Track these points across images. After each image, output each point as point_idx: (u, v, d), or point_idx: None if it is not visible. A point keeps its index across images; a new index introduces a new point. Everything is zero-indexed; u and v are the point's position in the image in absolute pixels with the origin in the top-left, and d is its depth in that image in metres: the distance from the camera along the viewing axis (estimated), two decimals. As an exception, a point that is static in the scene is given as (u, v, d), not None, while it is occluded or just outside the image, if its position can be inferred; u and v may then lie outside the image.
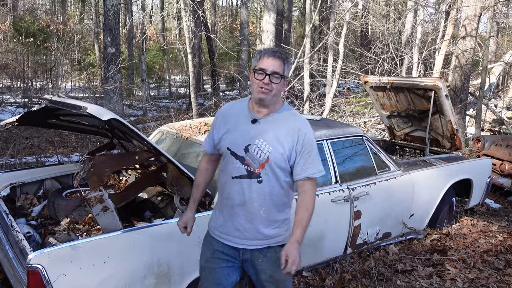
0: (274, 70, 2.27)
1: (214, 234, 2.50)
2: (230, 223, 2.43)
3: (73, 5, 31.03)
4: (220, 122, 2.47)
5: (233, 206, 2.40)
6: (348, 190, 3.97)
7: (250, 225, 2.39)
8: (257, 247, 2.42)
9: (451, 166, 5.10)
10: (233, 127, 2.40)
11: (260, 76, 2.27)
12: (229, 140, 2.38)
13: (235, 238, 2.42)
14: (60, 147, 8.29)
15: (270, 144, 2.32)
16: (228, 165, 2.39)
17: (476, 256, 4.47)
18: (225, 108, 2.54)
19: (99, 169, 3.00)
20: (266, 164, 2.32)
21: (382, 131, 10.33)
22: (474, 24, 9.52)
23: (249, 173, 2.34)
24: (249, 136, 2.34)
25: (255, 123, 2.36)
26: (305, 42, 10.70)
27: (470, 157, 8.00)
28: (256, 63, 2.33)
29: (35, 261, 2.52)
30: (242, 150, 2.34)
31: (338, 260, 4.16)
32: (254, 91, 2.32)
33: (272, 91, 2.29)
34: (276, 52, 2.32)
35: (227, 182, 2.40)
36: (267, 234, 2.41)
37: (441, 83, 5.25)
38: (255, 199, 2.35)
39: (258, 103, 2.35)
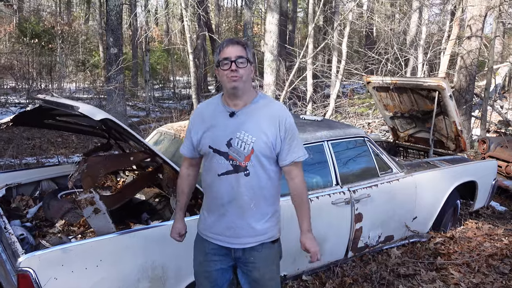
0: (238, 55, 2.21)
1: (206, 236, 2.45)
2: (221, 223, 2.37)
3: (79, 6, 31.17)
4: (196, 123, 2.41)
5: (223, 205, 2.34)
6: (349, 192, 3.89)
7: (241, 221, 2.34)
8: (250, 245, 2.37)
9: (455, 168, 5.00)
10: (211, 125, 2.34)
11: (226, 66, 2.22)
12: (209, 138, 2.33)
13: (228, 238, 2.37)
14: (61, 148, 8.26)
15: (252, 134, 2.27)
16: (212, 164, 2.33)
17: (481, 260, 4.38)
18: (200, 109, 2.49)
19: (93, 170, 2.94)
20: (251, 156, 2.27)
21: (386, 132, 10.24)
22: (479, 24, 9.41)
23: (235, 168, 2.29)
24: (229, 130, 2.29)
25: (233, 116, 2.31)
26: (308, 42, 10.62)
27: (475, 159, 7.89)
28: (218, 57, 2.28)
29: (25, 264, 2.47)
30: (224, 146, 2.29)
31: (339, 263, 4.08)
32: (224, 83, 2.27)
33: (242, 77, 2.23)
34: (233, 40, 2.29)
35: (214, 181, 2.34)
36: (259, 229, 2.36)
37: (445, 83, 5.16)
38: (245, 193, 2.30)
39: (232, 95, 2.30)
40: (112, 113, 9.71)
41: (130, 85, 18.24)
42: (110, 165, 3.10)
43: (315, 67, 11.03)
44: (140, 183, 3.30)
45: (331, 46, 11.44)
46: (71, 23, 21.97)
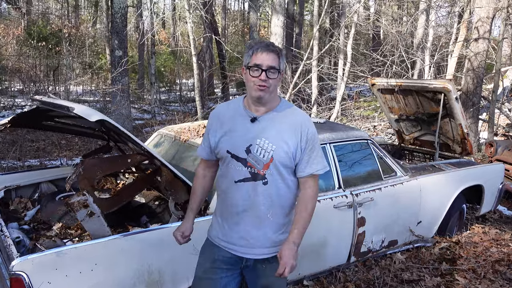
0: (270, 65, 2.13)
1: (217, 243, 2.36)
2: (234, 232, 2.28)
3: (86, 9, 31.35)
4: (215, 124, 2.31)
5: (238, 213, 2.26)
6: (351, 195, 3.82)
7: (257, 232, 2.25)
8: (264, 256, 2.28)
9: (461, 172, 4.92)
10: (230, 129, 2.25)
11: (256, 72, 2.13)
12: (228, 143, 2.23)
13: (241, 248, 2.29)
14: (65, 150, 8.25)
15: (273, 142, 2.18)
16: (230, 169, 2.24)
17: (487, 266, 4.28)
18: (219, 109, 2.37)
19: (90, 172, 2.90)
20: (270, 164, 2.18)
21: (392, 136, 10.15)
22: (487, 26, 9.31)
23: (253, 176, 2.20)
24: (249, 136, 2.20)
25: (255, 121, 2.22)
26: (313, 44, 10.57)
27: (482, 162, 7.78)
28: (249, 59, 2.18)
29: (18, 267, 2.43)
30: (243, 152, 2.20)
31: (341, 268, 4.00)
32: (250, 89, 2.18)
33: (270, 87, 2.15)
34: (269, 46, 2.18)
35: (230, 188, 2.25)
36: (275, 240, 2.28)
37: (451, 85, 5.07)
38: (262, 202, 2.22)
39: (255, 102, 2.21)
40: (116, 115, 9.71)
41: (135, 88, 18.27)
42: (107, 167, 3.05)
43: (320, 69, 10.97)
44: (138, 186, 3.25)
45: (337, 48, 11.36)
46: (79, 26, 22.07)
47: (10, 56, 15.77)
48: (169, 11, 25.41)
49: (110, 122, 2.64)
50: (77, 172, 2.90)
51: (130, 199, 3.29)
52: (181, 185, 3.09)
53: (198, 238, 2.73)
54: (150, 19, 11.66)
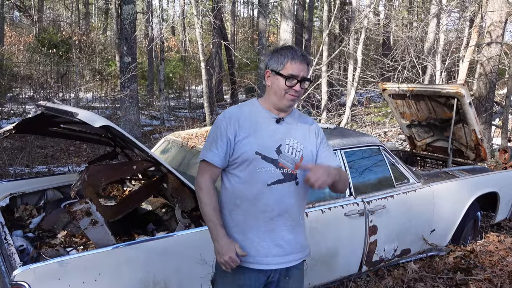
0: (305, 76, 2.14)
1: (243, 262, 2.11)
2: (268, 241, 2.13)
3: (97, 17, 31.63)
4: (233, 125, 2.13)
5: (272, 218, 2.12)
6: (363, 203, 3.71)
7: (291, 236, 2.17)
8: (295, 262, 2.21)
9: (475, 178, 4.79)
10: (255, 130, 2.13)
11: (291, 82, 2.11)
12: (256, 144, 2.10)
13: (274, 258, 2.13)
14: (74, 156, 8.24)
15: (300, 141, 2.19)
16: (258, 173, 2.09)
17: (503, 276, 4.14)
18: (234, 112, 2.20)
19: (95, 180, 2.83)
20: (301, 163, 2.15)
21: (403, 142, 10.01)
22: (499, 31, 9.17)
23: (286, 176, 2.12)
24: (278, 136, 2.15)
25: (280, 122, 2.18)
26: (322, 49, 10.49)
27: (496, 168, 7.63)
28: (281, 66, 2.11)
29: (20, 277, 2.37)
30: (274, 152, 2.11)
31: (352, 278, 3.89)
32: (281, 98, 2.14)
33: (300, 96, 2.19)
34: (305, 56, 2.15)
35: (261, 193, 2.10)
36: (303, 244, 2.25)
37: (464, 90, 4.96)
38: (296, 204, 2.16)
39: (281, 109, 2.19)
40: (124, 121, 9.69)
41: (144, 94, 18.32)
42: (112, 174, 2.99)
43: (329, 74, 10.89)
44: (143, 194, 3.17)
45: (346, 54, 11.28)
46: (89, 33, 22.25)
47: (21, 63, 15.90)
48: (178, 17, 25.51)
49: (115, 128, 2.58)
50: (82, 179, 2.84)
51: (135, 207, 3.22)
52: (188, 192, 3.01)
53: (205, 247, 2.65)
54: (159, 26, 11.67)
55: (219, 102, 17.85)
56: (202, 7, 8.55)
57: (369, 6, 10.39)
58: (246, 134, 2.12)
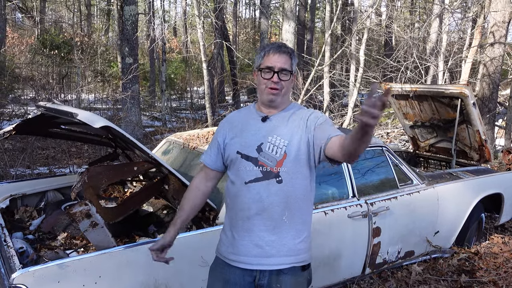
0: (282, 67, 2.05)
1: (227, 259, 2.14)
2: (247, 240, 2.09)
3: (99, 18, 31.67)
4: (225, 129, 2.22)
5: (249, 218, 2.07)
6: (366, 205, 3.67)
7: (273, 236, 2.06)
8: (280, 266, 2.07)
9: (479, 179, 4.75)
10: (241, 130, 2.16)
11: (268, 75, 2.05)
12: (238, 144, 2.12)
13: (254, 258, 2.08)
14: (75, 158, 8.21)
15: (285, 138, 2.07)
16: (239, 172, 2.10)
17: (508, 278, 4.10)
18: (231, 115, 2.30)
19: (95, 181, 2.80)
20: (284, 161, 2.04)
21: (406, 142, 9.97)
22: (503, 31, 9.12)
23: (265, 174, 2.05)
24: (260, 134, 2.10)
25: (266, 120, 2.13)
26: (325, 50, 10.45)
27: (500, 170, 7.57)
28: (260, 61, 2.10)
29: (19, 280, 2.33)
30: (254, 151, 2.07)
31: (355, 280, 3.85)
32: (262, 93, 2.11)
33: (282, 89, 2.09)
34: (281, 47, 2.09)
35: (240, 191, 2.09)
36: (292, 248, 2.08)
37: (468, 90, 4.92)
38: (276, 203, 2.04)
39: (268, 105, 2.13)
40: (126, 122, 9.66)
41: (145, 95, 18.31)
42: (113, 175, 2.95)
43: (331, 75, 10.85)
44: (144, 195, 3.14)
45: (349, 54, 11.23)
46: (91, 35, 22.25)
47: (22, 65, 15.91)
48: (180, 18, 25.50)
49: (115, 129, 2.55)
50: (82, 181, 2.81)
51: (135, 209, 3.18)
52: (189, 193, 2.97)
53: (207, 250, 2.62)
54: (160, 27, 11.66)
55: (221, 103, 17.81)
56: (203, 8, 8.52)
57: (371, 6, 10.35)
58: (233, 135, 2.17)
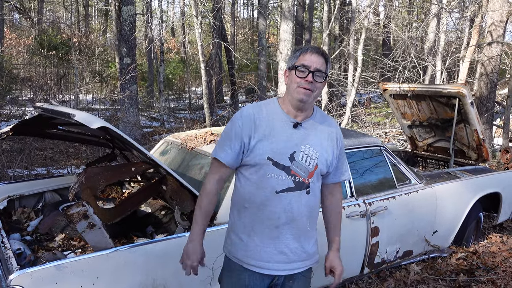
0: (318, 68, 2.01)
1: (247, 264, 2.11)
2: (271, 248, 2.08)
3: (97, 19, 31.63)
4: (249, 127, 2.06)
5: (277, 226, 2.06)
6: (364, 204, 3.67)
7: (297, 244, 2.11)
8: (298, 270, 2.13)
9: (477, 179, 4.75)
10: (270, 133, 2.05)
11: (302, 74, 2.00)
12: (269, 149, 2.03)
13: (277, 264, 2.09)
14: (73, 158, 8.20)
15: (316, 149, 2.08)
16: (269, 179, 2.03)
17: (507, 277, 4.10)
18: (252, 111, 2.11)
19: (93, 182, 2.79)
20: (315, 172, 2.07)
21: (404, 142, 9.98)
22: (500, 30, 9.13)
23: (297, 185, 2.05)
24: (293, 142, 2.05)
25: (297, 127, 2.07)
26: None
27: (498, 169, 7.58)
28: (294, 60, 2.06)
29: (17, 281, 2.33)
30: (287, 159, 2.03)
31: (354, 280, 3.86)
32: (292, 92, 2.04)
33: (315, 91, 2.03)
34: (319, 49, 2.07)
35: (270, 199, 2.04)
36: (309, 253, 2.17)
37: (466, 89, 4.92)
38: (304, 213, 2.08)
39: (296, 106, 2.07)
40: (124, 123, 9.65)
41: (143, 96, 18.28)
42: (110, 176, 2.94)
43: (329, 75, 10.84)
44: (142, 196, 3.13)
45: (347, 54, 11.24)
46: (89, 35, 22.21)
47: (20, 65, 15.87)
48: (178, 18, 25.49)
49: (113, 130, 2.54)
50: (80, 182, 2.80)
51: (133, 209, 3.17)
52: (187, 194, 2.97)
53: (206, 250, 2.59)
54: (158, 27, 11.64)
55: (219, 103, 17.82)
56: (201, 8, 8.52)
57: (369, 6, 10.35)
58: (261, 137, 2.05)
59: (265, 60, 13.57)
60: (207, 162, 3.54)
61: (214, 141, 3.78)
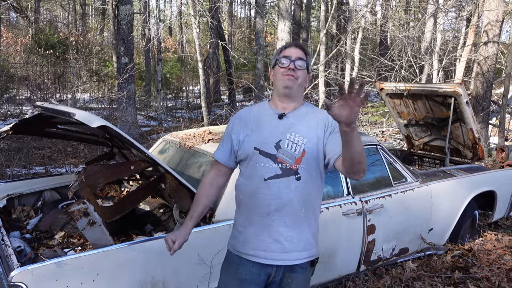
0: (299, 56, 2.14)
1: (244, 254, 2.17)
2: (266, 235, 2.12)
3: (94, 17, 31.59)
4: (238, 125, 2.24)
5: (269, 213, 2.10)
6: (361, 202, 3.71)
7: (292, 232, 2.11)
8: (298, 261, 2.14)
9: (473, 177, 4.80)
10: (257, 127, 2.19)
11: (285, 64, 2.13)
12: (255, 140, 2.15)
13: (273, 253, 2.12)
14: (71, 157, 8.21)
15: (303, 135, 2.11)
16: (257, 168, 2.12)
17: (501, 274, 4.15)
18: (243, 112, 2.32)
19: (92, 180, 2.82)
20: (303, 158, 2.09)
21: (400, 141, 10.03)
22: (496, 30, 9.19)
23: (285, 171, 2.09)
24: (278, 131, 2.13)
25: (282, 118, 2.16)
26: (320, 49, 10.49)
27: (493, 167, 7.64)
28: (276, 56, 2.19)
29: (18, 278, 2.35)
30: (272, 147, 2.10)
31: (350, 277, 3.89)
32: (278, 82, 2.16)
33: (298, 78, 2.13)
34: (298, 43, 2.21)
35: (259, 187, 2.11)
36: (308, 243, 2.16)
37: (461, 89, 4.97)
38: (296, 199, 2.09)
39: (283, 95, 2.17)
40: (122, 122, 9.67)
41: (141, 95, 18.28)
42: (110, 174, 2.97)
43: (327, 74, 10.88)
44: (141, 194, 3.16)
45: (344, 53, 11.28)
46: (86, 34, 22.18)
47: (17, 64, 15.86)
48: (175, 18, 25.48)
49: (112, 128, 2.57)
50: (79, 180, 2.83)
51: (132, 207, 3.21)
52: (185, 192, 3.01)
53: (204, 248, 2.65)
54: (156, 26, 11.66)
55: (217, 103, 17.84)
56: (199, 7, 8.54)
57: (366, 5, 10.39)
58: (248, 132, 2.19)
59: (262, 59, 13.60)
60: (205, 161, 3.58)
61: (212, 140, 3.82)
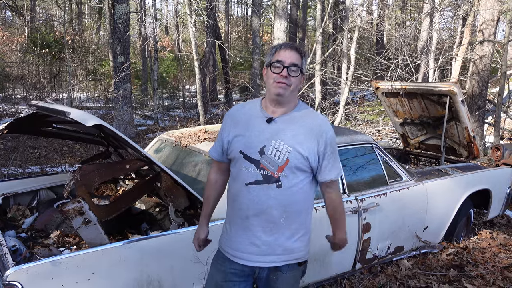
0: (293, 62, 2.06)
1: (226, 253, 2.23)
2: (244, 238, 2.16)
3: (90, 17, 31.49)
4: (229, 124, 2.23)
5: (247, 217, 2.13)
6: (356, 201, 3.72)
7: (270, 237, 2.13)
8: (275, 264, 2.15)
9: (468, 176, 4.81)
10: (245, 128, 2.16)
11: (277, 69, 2.06)
12: (241, 143, 2.14)
13: (250, 255, 2.16)
14: (67, 157, 8.20)
15: (288, 144, 2.08)
16: (241, 171, 2.14)
17: (496, 272, 4.17)
18: (235, 109, 2.29)
19: (88, 179, 2.82)
20: (285, 167, 2.07)
21: (396, 140, 10.05)
22: (491, 29, 9.21)
23: (266, 178, 2.09)
24: (264, 136, 2.11)
25: (271, 122, 2.13)
26: (316, 48, 10.50)
27: (489, 166, 7.67)
28: (271, 57, 2.12)
29: (13, 277, 2.35)
30: (256, 153, 2.10)
31: (346, 276, 3.91)
32: (270, 87, 2.10)
33: (291, 85, 2.07)
34: (293, 45, 2.13)
35: (240, 191, 2.14)
36: (288, 248, 2.16)
37: (456, 88, 4.98)
38: (275, 206, 2.10)
39: (274, 100, 2.12)
40: (118, 121, 9.65)
41: (137, 94, 18.24)
42: (105, 173, 2.98)
43: (323, 73, 10.90)
44: (137, 193, 3.16)
45: (340, 52, 11.29)
46: (82, 33, 22.12)
47: (13, 63, 15.81)
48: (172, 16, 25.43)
49: (107, 127, 2.57)
50: (75, 179, 2.83)
51: (128, 206, 3.21)
52: (181, 191, 3.01)
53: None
54: (152, 25, 11.64)
55: (213, 102, 17.81)
56: (195, 6, 8.54)
57: (362, 5, 10.41)
58: (237, 132, 2.18)
59: (259, 58, 13.58)
60: (201, 160, 3.58)
61: (207, 138, 3.82)
